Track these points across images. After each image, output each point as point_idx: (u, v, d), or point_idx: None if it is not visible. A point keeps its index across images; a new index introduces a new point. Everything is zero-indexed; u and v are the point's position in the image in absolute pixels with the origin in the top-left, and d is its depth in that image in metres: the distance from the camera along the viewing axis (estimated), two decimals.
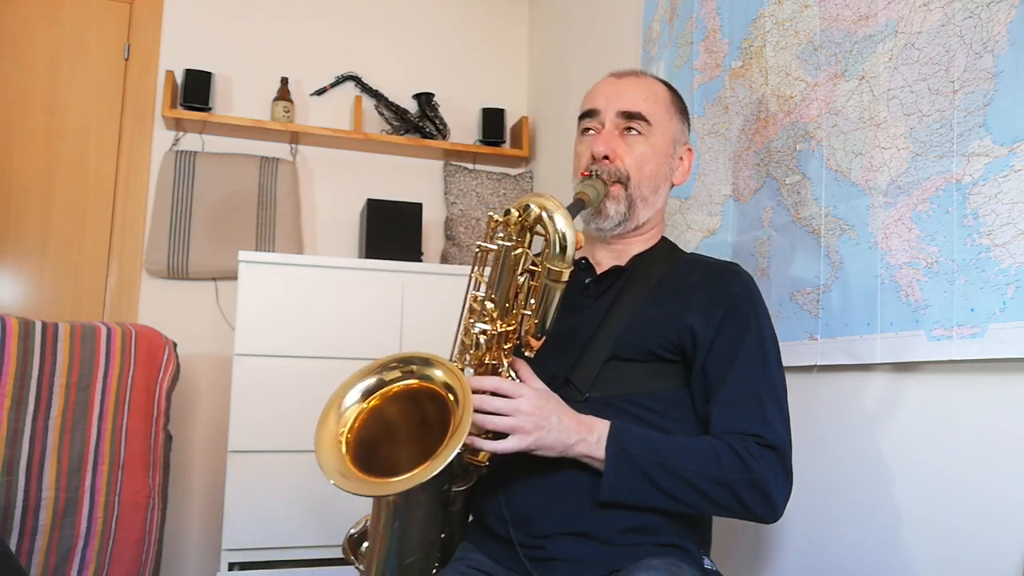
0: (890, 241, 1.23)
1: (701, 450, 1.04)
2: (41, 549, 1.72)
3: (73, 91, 2.58)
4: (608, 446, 1.02)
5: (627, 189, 1.18)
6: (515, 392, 1.00)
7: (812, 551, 1.39)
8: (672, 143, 1.24)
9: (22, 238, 2.49)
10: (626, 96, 1.20)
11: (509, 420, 0.99)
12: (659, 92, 1.23)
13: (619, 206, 1.18)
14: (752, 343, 1.11)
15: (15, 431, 1.72)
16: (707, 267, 1.21)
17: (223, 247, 2.53)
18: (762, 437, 1.05)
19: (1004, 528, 1.06)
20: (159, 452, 1.94)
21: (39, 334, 1.79)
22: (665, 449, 1.03)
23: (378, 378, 1.03)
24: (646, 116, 1.19)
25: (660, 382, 1.12)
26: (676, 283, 1.17)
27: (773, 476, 1.03)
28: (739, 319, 1.12)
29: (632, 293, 1.16)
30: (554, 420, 1.01)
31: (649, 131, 1.19)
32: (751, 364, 1.09)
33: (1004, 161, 1.06)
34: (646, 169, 1.19)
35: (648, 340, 1.11)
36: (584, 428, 1.02)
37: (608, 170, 1.17)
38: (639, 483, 1.01)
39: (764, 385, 1.09)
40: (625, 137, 1.19)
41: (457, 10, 3.02)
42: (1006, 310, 1.04)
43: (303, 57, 2.79)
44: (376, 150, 2.83)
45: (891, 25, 1.26)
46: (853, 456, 1.32)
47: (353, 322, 2.25)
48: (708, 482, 1.02)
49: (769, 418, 1.06)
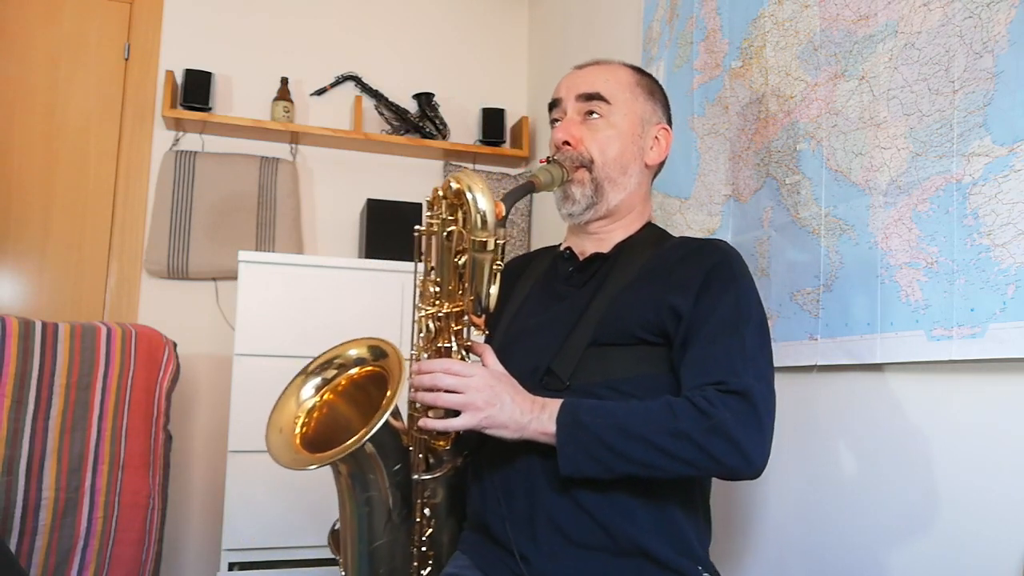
0: (890, 241, 1.23)
1: (656, 408, 1.00)
2: (41, 549, 1.72)
3: (73, 91, 2.58)
4: (559, 417, 0.99)
5: (591, 172, 1.17)
6: (465, 371, 1.00)
7: (812, 551, 1.38)
8: (639, 123, 1.21)
9: (22, 238, 2.49)
10: (584, 80, 1.19)
11: (459, 396, 0.98)
12: (620, 73, 1.22)
13: (585, 189, 1.17)
14: (727, 306, 1.07)
15: (15, 431, 1.72)
16: (688, 245, 1.18)
17: (223, 247, 2.53)
18: (723, 383, 1.00)
19: (1004, 528, 1.06)
20: (159, 452, 1.94)
21: (39, 334, 1.79)
22: (618, 412, 1.00)
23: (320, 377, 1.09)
24: (604, 96, 1.17)
25: (643, 366, 1.08)
26: (658, 266, 1.14)
27: (735, 419, 0.97)
28: (717, 284, 1.08)
29: (615, 279, 1.14)
30: (506, 399, 0.99)
31: (610, 111, 1.18)
32: (723, 324, 1.05)
33: (1004, 161, 1.06)
34: (610, 151, 1.17)
35: (629, 323, 1.08)
36: (537, 407, 1.01)
37: (570, 156, 1.16)
38: (595, 449, 0.98)
39: (735, 342, 1.04)
40: (587, 122, 1.18)
41: (457, 10, 3.02)
42: (1006, 310, 1.04)
43: (303, 57, 2.79)
44: (376, 150, 2.83)
45: (891, 25, 1.26)
46: (853, 456, 1.32)
47: (353, 322, 2.25)
48: (665, 436, 0.97)
49: (736, 367, 1.01)
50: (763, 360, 1.06)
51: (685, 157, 1.81)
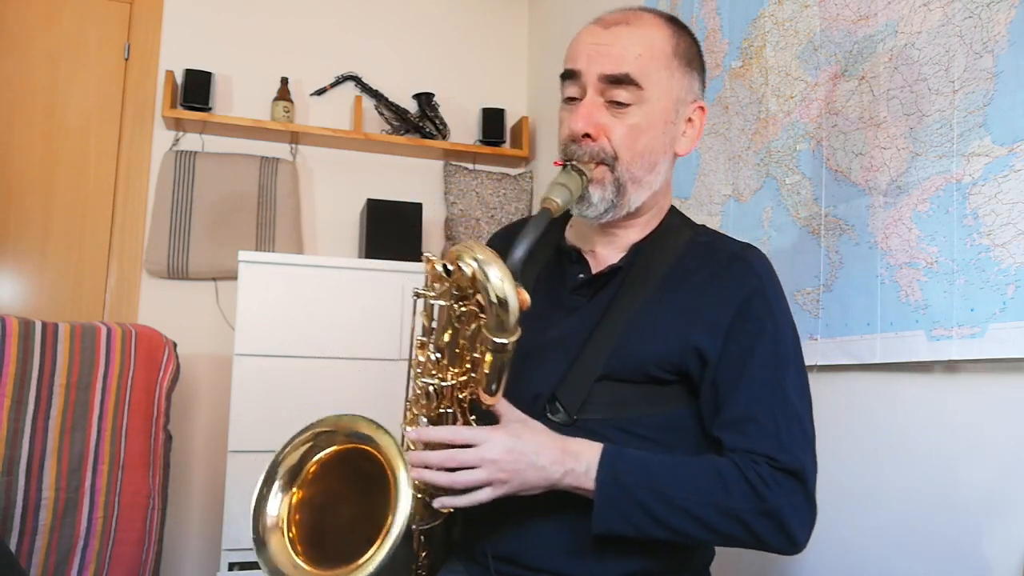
0: (890, 241, 1.23)
1: (705, 475, 0.91)
2: (41, 549, 1.72)
3: (73, 91, 2.58)
4: (598, 475, 0.89)
5: (614, 171, 0.97)
6: (478, 439, 0.87)
7: (811, 550, 1.38)
8: (674, 106, 1.00)
9: (22, 238, 2.49)
10: (612, 53, 0.96)
11: (477, 473, 0.87)
12: (656, 41, 0.98)
13: (605, 191, 0.98)
14: (765, 349, 0.95)
15: (15, 431, 1.72)
16: (715, 258, 1.02)
17: (223, 247, 2.53)
18: (776, 460, 0.91)
19: (1004, 528, 1.06)
20: (159, 452, 1.94)
21: (39, 334, 1.79)
22: (663, 475, 0.90)
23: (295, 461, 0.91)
24: (637, 79, 0.95)
25: (658, 405, 0.98)
26: (680, 281, 1.00)
27: (790, 505, 0.90)
28: (751, 322, 0.96)
29: (628, 296, 1.00)
30: (532, 458, 0.88)
31: (641, 97, 0.96)
32: (764, 374, 0.94)
33: (1004, 161, 1.06)
34: (638, 145, 0.97)
35: (645, 362, 0.96)
36: (570, 458, 0.89)
37: (590, 151, 0.97)
38: (635, 515, 0.89)
39: (778, 399, 0.94)
40: (612, 106, 0.97)
41: (457, 10, 3.02)
42: (1006, 310, 1.04)
43: (303, 57, 2.79)
44: (376, 150, 2.83)
45: (891, 25, 1.26)
46: (853, 456, 1.32)
47: (353, 322, 2.25)
48: (713, 512, 0.89)
49: (784, 438, 0.92)
50: (806, 414, 0.96)
51: (685, 157, 1.81)
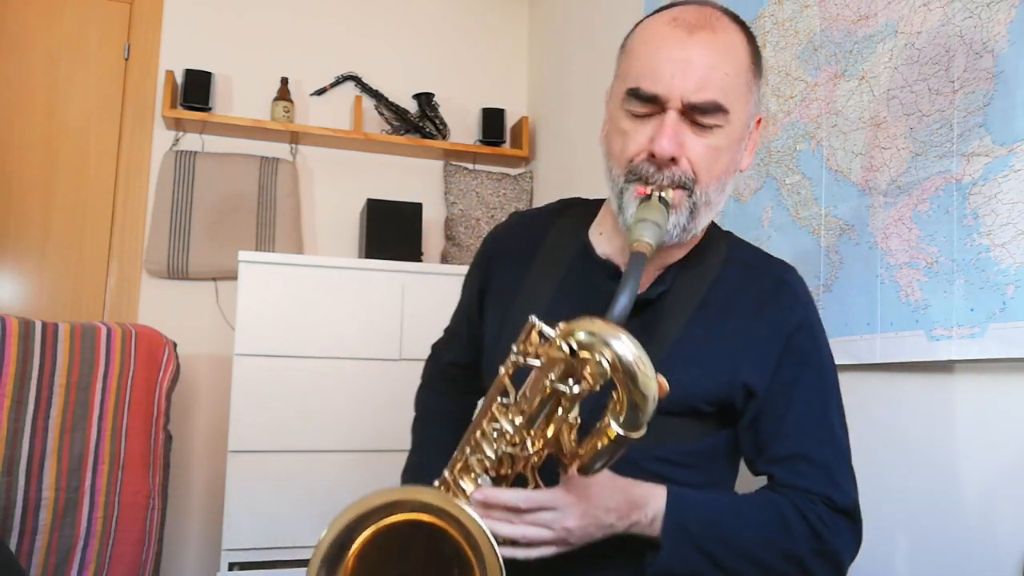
0: (890, 241, 1.23)
1: (769, 518, 0.91)
2: (41, 549, 1.72)
3: (73, 91, 2.58)
4: (666, 525, 0.88)
5: (692, 195, 0.90)
6: (549, 502, 0.84)
7: None
8: (746, 123, 0.94)
9: (22, 238, 2.49)
10: (699, 74, 0.87)
11: (546, 534, 0.85)
12: (739, 53, 0.91)
13: (679, 217, 0.90)
14: (811, 382, 0.95)
15: (15, 431, 1.72)
16: (759, 283, 0.99)
17: (223, 247, 2.53)
18: (832, 501, 0.92)
19: (1004, 528, 1.06)
20: (159, 452, 1.94)
21: (39, 334, 1.79)
22: (729, 522, 0.91)
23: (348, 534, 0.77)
24: (725, 104, 0.88)
25: (696, 434, 0.96)
26: (723, 306, 0.97)
27: (845, 545, 0.93)
28: (797, 354, 0.95)
29: (668, 322, 0.96)
30: (602, 520, 0.86)
31: (726, 120, 0.89)
32: (811, 408, 0.95)
33: (1004, 161, 1.06)
34: (717, 167, 0.91)
35: (691, 396, 0.93)
36: (636, 510, 0.88)
37: (671, 176, 0.89)
38: (699, 562, 0.89)
39: (827, 434, 0.95)
40: (693, 124, 0.89)
41: (457, 10, 3.02)
42: (1006, 310, 1.04)
43: (303, 57, 2.79)
44: (376, 150, 2.83)
45: (891, 25, 1.26)
46: (853, 456, 1.31)
47: (353, 322, 2.25)
48: (776, 556, 0.91)
49: (838, 477, 0.94)
50: (847, 442, 0.98)
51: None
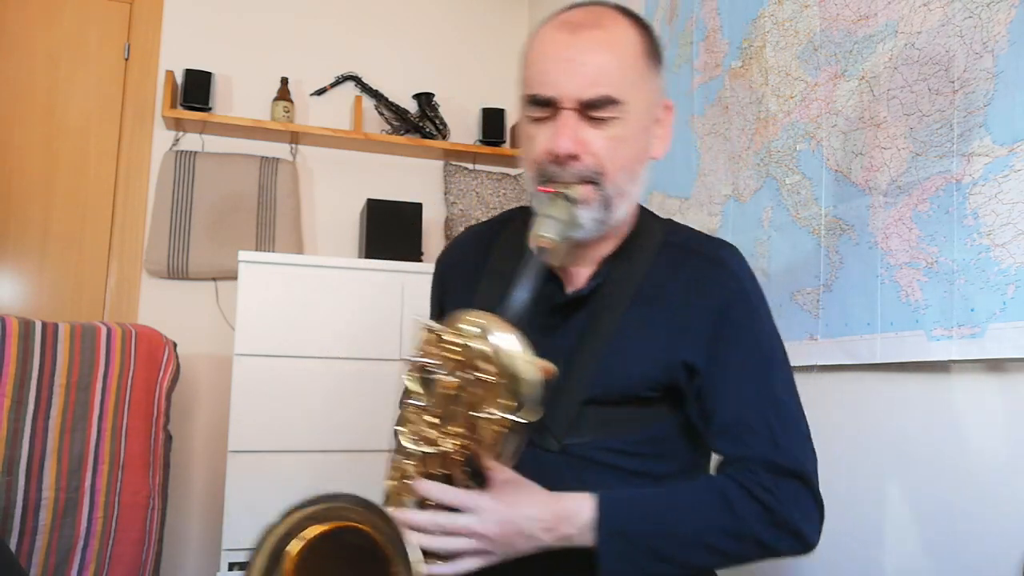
0: (890, 241, 1.24)
1: (710, 501, 0.88)
2: (41, 549, 1.72)
3: (73, 91, 2.58)
4: (601, 533, 0.84)
5: (601, 188, 0.91)
6: (471, 506, 0.83)
7: None
8: (648, 110, 0.95)
9: (22, 238, 2.49)
10: (588, 72, 0.89)
11: (464, 543, 0.83)
12: (629, 46, 0.93)
13: (592, 211, 0.92)
14: (749, 352, 0.94)
15: (15, 431, 1.72)
16: (690, 263, 0.98)
17: (223, 247, 2.53)
18: (775, 464, 0.88)
19: (1004, 528, 1.06)
20: (159, 452, 1.94)
21: (39, 334, 1.79)
22: (667, 513, 0.87)
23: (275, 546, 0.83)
24: (617, 97, 0.90)
25: (645, 422, 0.95)
26: (657, 292, 0.97)
27: (799, 511, 0.88)
28: (732, 327, 0.94)
29: (607, 315, 0.96)
30: (525, 529, 0.84)
31: (622, 110, 0.91)
32: (750, 377, 0.93)
33: (1004, 161, 1.06)
34: (621, 157, 0.92)
35: (631, 381, 0.93)
36: (564, 523, 0.85)
37: (575, 172, 0.90)
38: (646, 562, 0.85)
39: (768, 400, 0.92)
40: (590, 119, 0.90)
41: (457, 10, 3.02)
42: (1006, 310, 1.04)
43: (303, 57, 2.79)
44: (376, 150, 2.83)
45: (891, 25, 1.26)
46: (853, 456, 1.32)
47: (353, 322, 2.25)
48: (726, 537, 0.87)
49: (780, 439, 0.90)
50: (798, 412, 0.94)
51: (685, 157, 1.81)
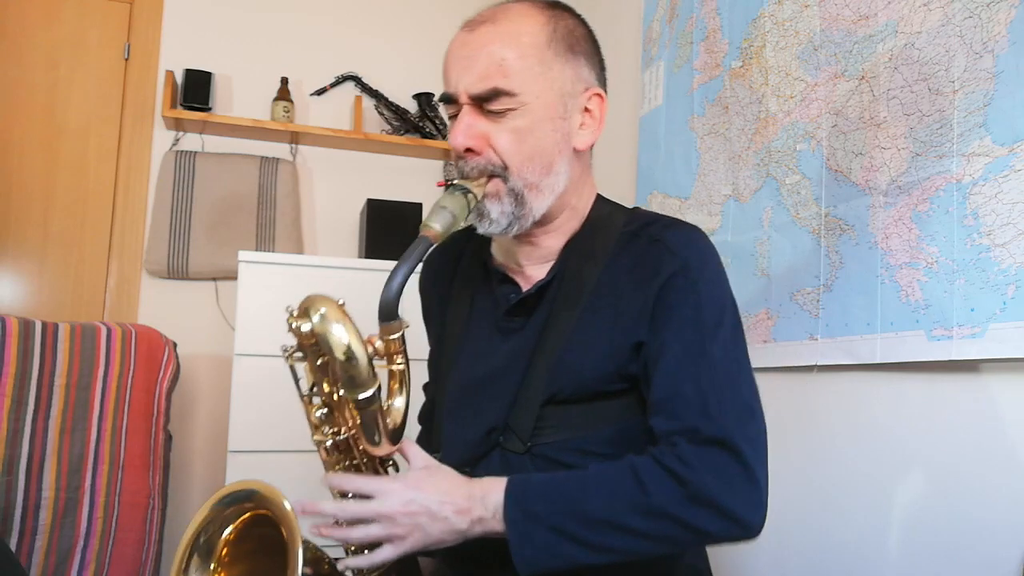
0: (890, 241, 1.24)
1: (619, 478, 0.83)
2: (41, 549, 1.72)
3: (73, 91, 2.58)
4: (507, 512, 0.82)
5: (507, 181, 0.92)
6: (375, 490, 0.84)
7: (811, 550, 1.38)
8: (560, 99, 0.93)
9: (22, 238, 2.49)
10: (475, 67, 0.91)
11: (372, 529, 0.83)
12: (525, 37, 0.92)
13: (503, 205, 0.92)
14: (684, 320, 0.88)
15: (15, 431, 1.72)
16: (637, 247, 0.95)
17: (223, 247, 2.53)
18: (697, 432, 0.82)
19: (1004, 527, 1.06)
20: (159, 452, 1.94)
21: (39, 334, 1.79)
22: (575, 492, 0.83)
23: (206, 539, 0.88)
24: (505, 88, 0.90)
25: (608, 419, 0.92)
26: (610, 285, 0.94)
27: (717, 480, 0.80)
28: (671, 297, 0.89)
29: (564, 313, 0.94)
30: (434, 509, 0.83)
31: (518, 101, 0.90)
32: (682, 345, 0.87)
33: (1004, 161, 1.06)
34: (525, 149, 0.91)
35: (586, 379, 0.91)
36: (477, 504, 0.83)
37: (477, 166, 0.92)
38: (557, 544, 0.81)
39: (702, 367, 0.85)
40: (490, 115, 0.91)
41: (457, 10, 3.00)
42: (1006, 310, 1.04)
43: (303, 57, 2.79)
44: (376, 150, 2.83)
45: (891, 25, 1.26)
46: (853, 456, 1.32)
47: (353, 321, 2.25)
48: (635, 515, 0.81)
49: (711, 407, 0.83)
50: (742, 381, 0.87)
51: (685, 157, 1.81)
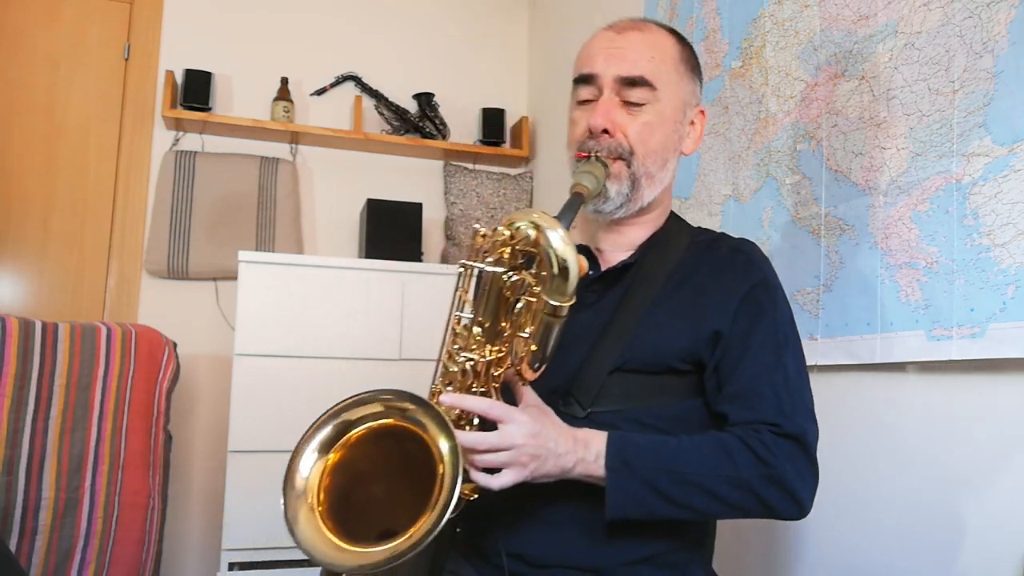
0: (890, 241, 1.24)
1: (711, 449, 0.94)
2: (41, 549, 1.72)
3: (73, 91, 2.58)
4: (608, 460, 0.92)
5: (630, 166, 1.04)
6: (507, 418, 0.89)
7: (811, 550, 1.38)
8: (682, 107, 1.08)
9: (22, 238, 2.49)
10: (627, 56, 1.04)
11: (503, 455, 0.89)
12: (666, 47, 1.07)
13: (621, 186, 1.04)
14: (766, 330, 1.01)
15: (15, 431, 1.72)
16: (717, 254, 1.08)
17: (223, 247, 2.53)
18: (778, 426, 0.95)
19: (1004, 528, 1.06)
20: (159, 452, 1.94)
21: (39, 334, 1.79)
22: (670, 454, 0.94)
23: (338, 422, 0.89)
24: (651, 80, 1.03)
25: (668, 396, 1.02)
26: (687, 278, 1.06)
27: (794, 469, 0.93)
28: (753, 306, 1.02)
29: (640, 293, 1.05)
30: (552, 445, 0.90)
31: (654, 97, 1.04)
32: (764, 353, 0.99)
33: (1004, 161, 1.06)
34: (652, 141, 1.04)
35: (661, 351, 1.01)
36: (581, 446, 0.92)
37: (608, 146, 1.03)
38: (647, 496, 0.92)
39: (779, 374, 0.98)
40: (627, 105, 1.04)
41: (457, 10, 3.02)
42: (1006, 310, 1.04)
43: (303, 57, 2.79)
44: (376, 150, 2.83)
45: (891, 25, 1.26)
46: (853, 456, 1.32)
47: (353, 322, 2.25)
48: (723, 484, 0.93)
49: (786, 407, 0.96)
50: (806, 391, 1.01)
51: (685, 157, 1.81)
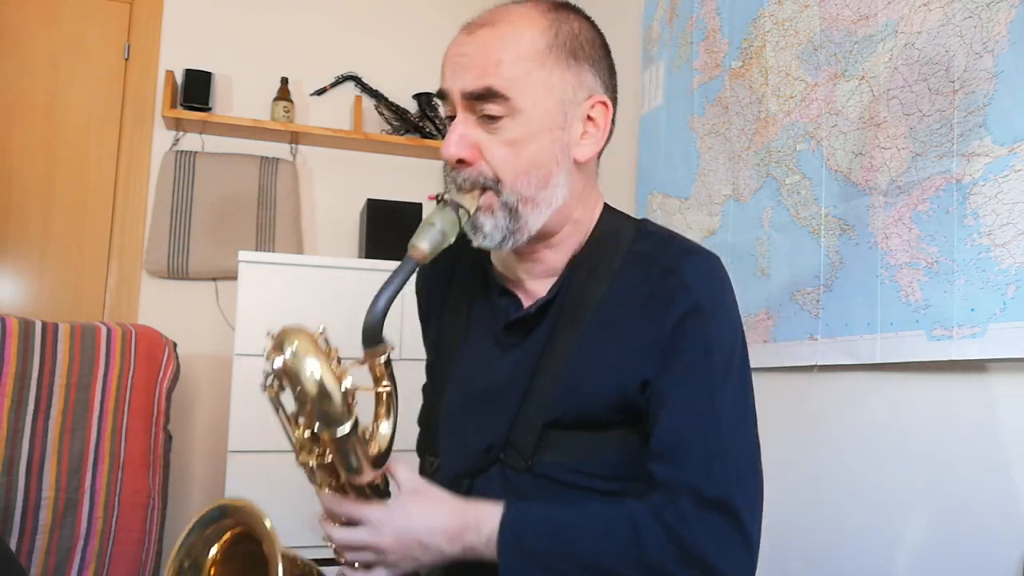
0: (890, 241, 1.24)
1: (617, 527, 0.81)
2: (41, 549, 1.72)
3: (73, 91, 2.58)
4: (501, 546, 0.81)
5: (500, 195, 0.86)
6: (364, 519, 0.85)
7: (811, 550, 1.38)
8: (560, 108, 0.87)
9: (22, 238, 2.49)
10: (472, 65, 0.86)
11: (366, 555, 0.85)
12: (523, 40, 0.86)
13: (496, 219, 0.87)
14: (696, 371, 0.84)
15: (15, 431, 1.72)
16: (648, 273, 0.90)
17: (223, 247, 2.53)
18: (702, 492, 0.80)
19: (1004, 528, 1.06)
20: (159, 452, 1.94)
21: (39, 334, 1.79)
22: (571, 534, 0.82)
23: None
24: (500, 90, 0.84)
25: (611, 447, 0.89)
26: (616, 313, 0.89)
27: (716, 546, 0.79)
28: (683, 340, 0.85)
29: (565, 331, 0.90)
30: (424, 540, 0.83)
31: (512, 108, 0.84)
32: (693, 399, 0.84)
33: (1004, 161, 1.06)
34: (519, 162, 0.85)
35: (592, 407, 0.88)
36: (470, 531, 0.82)
37: (468, 176, 0.86)
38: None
39: (709, 424, 0.83)
40: (486, 121, 0.85)
41: (457, 11, 3.01)
42: (1006, 310, 1.04)
43: (303, 57, 2.79)
44: (376, 150, 2.83)
45: (891, 25, 1.26)
46: (853, 456, 1.32)
47: (353, 322, 2.24)
48: (629, 567, 0.80)
49: (714, 468, 0.82)
50: (743, 433, 0.86)
51: (685, 157, 1.81)
